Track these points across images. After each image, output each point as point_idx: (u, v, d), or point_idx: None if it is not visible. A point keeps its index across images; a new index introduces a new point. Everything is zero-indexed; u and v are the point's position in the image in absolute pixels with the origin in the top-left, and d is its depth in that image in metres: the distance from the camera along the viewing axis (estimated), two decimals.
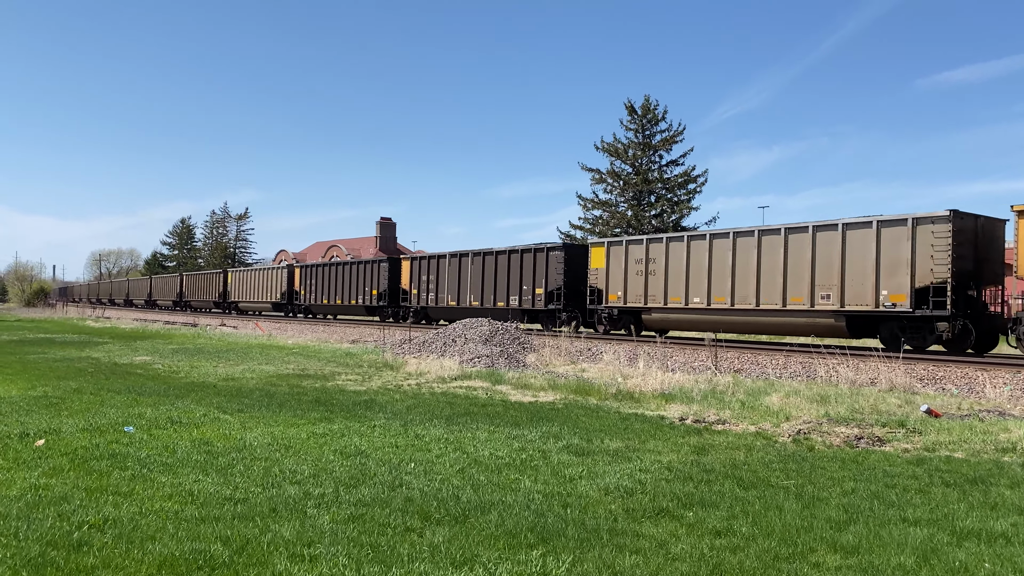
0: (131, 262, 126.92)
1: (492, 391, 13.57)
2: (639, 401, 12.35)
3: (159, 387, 13.40)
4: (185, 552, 4.85)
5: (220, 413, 10.47)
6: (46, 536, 5.12)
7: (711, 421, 10.43)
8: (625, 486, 6.78)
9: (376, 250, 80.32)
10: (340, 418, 10.22)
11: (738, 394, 12.94)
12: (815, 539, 5.39)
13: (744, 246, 21.40)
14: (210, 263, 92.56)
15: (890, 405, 11.72)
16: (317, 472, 7.07)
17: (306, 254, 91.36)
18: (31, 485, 6.43)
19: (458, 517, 5.73)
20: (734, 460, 8.01)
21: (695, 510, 6.08)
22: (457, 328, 22.20)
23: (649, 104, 46.99)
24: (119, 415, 10.10)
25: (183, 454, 7.73)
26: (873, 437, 9.21)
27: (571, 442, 8.79)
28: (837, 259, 19.17)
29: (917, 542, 5.34)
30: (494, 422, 10.14)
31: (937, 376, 14.91)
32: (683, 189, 46.70)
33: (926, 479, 7.26)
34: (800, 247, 20.05)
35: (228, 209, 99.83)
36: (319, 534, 5.26)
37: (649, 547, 5.16)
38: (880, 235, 18.44)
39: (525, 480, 6.97)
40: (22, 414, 10.13)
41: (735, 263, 21.52)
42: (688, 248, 22.76)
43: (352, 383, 14.59)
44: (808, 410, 11.12)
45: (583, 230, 47.62)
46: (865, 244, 18.69)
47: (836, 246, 19.22)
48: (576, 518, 5.79)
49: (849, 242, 19.01)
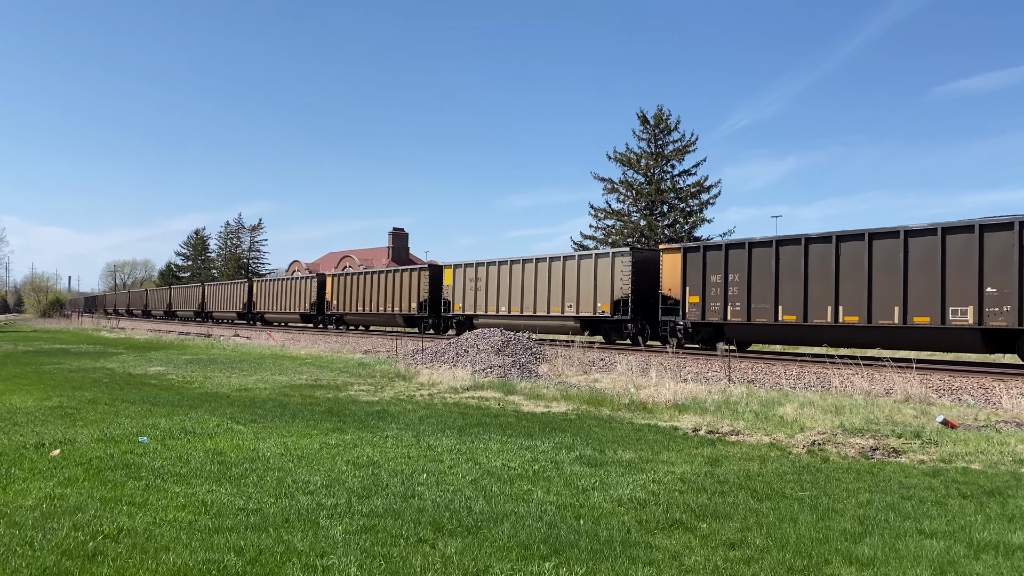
0: (145, 273, 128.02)
1: (504, 401, 13.55)
2: (652, 412, 12.30)
3: (173, 397, 13.47)
4: (199, 562, 4.86)
5: (233, 423, 10.51)
6: (61, 546, 5.14)
7: (725, 432, 10.38)
8: (638, 497, 6.75)
9: (388, 260, 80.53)
10: (353, 429, 10.23)
11: (752, 405, 12.87)
12: (830, 551, 5.34)
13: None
14: (224, 274, 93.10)
15: (906, 416, 11.62)
16: (330, 483, 7.07)
17: (319, 264, 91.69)
18: (46, 495, 6.47)
19: (470, 528, 5.72)
20: (748, 471, 7.97)
21: (709, 521, 6.04)
22: (469, 338, 22.20)
23: (662, 114, 47.08)
24: (133, 425, 10.15)
25: (197, 464, 7.76)
26: (889, 448, 9.13)
27: (584, 453, 8.76)
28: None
29: (934, 555, 5.28)
30: (506, 433, 10.12)
31: (953, 386, 14.79)
32: (696, 199, 46.68)
33: (943, 491, 7.19)
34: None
35: (242, 220, 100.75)
36: (332, 544, 5.26)
37: (662, 559, 5.13)
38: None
39: (537, 491, 6.95)
40: (38, 424, 10.20)
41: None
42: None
43: (365, 393, 14.61)
44: (823, 421, 11.05)
45: (595, 239, 47.64)
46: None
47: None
48: (589, 529, 5.76)
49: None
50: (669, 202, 46.89)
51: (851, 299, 18.70)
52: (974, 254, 16.76)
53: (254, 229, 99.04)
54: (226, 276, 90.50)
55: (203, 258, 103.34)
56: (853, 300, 18.66)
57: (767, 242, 20.58)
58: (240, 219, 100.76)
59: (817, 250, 19.41)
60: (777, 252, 20.27)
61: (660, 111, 47.06)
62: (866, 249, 18.39)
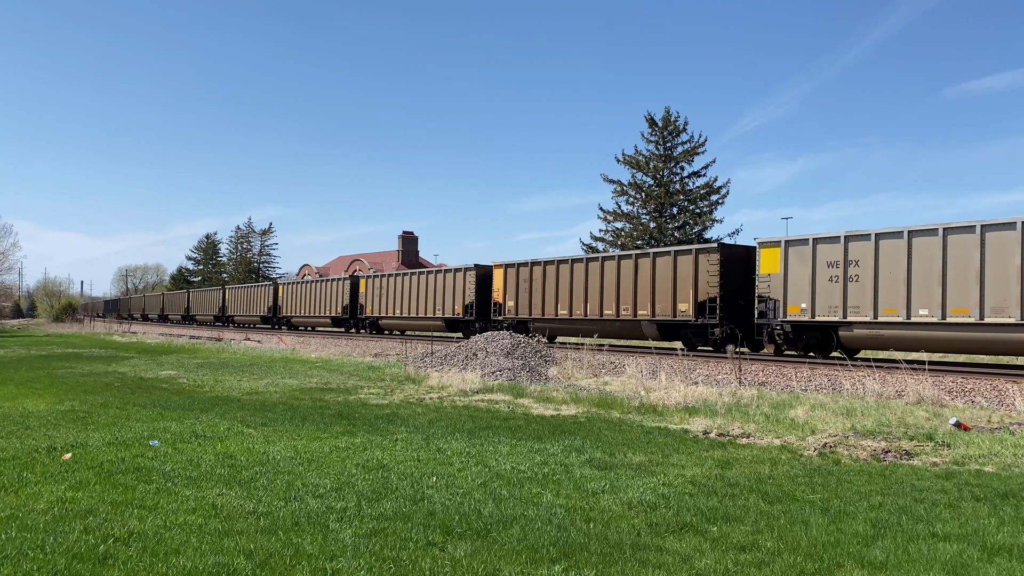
0: (157, 277, 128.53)
1: (514, 404, 13.54)
2: (662, 414, 12.26)
3: (184, 401, 13.52)
4: (209, 566, 4.87)
5: (244, 427, 10.53)
6: (72, 549, 5.17)
7: (735, 435, 10.34)
8: (648, 500, 6.73)
9: (398, 264, 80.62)
10: (362, 432, 10.24)
11: (763, 407, 12.82)
12: (842, 554, 5.31)
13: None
14: (235, 278, 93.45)
15: (918, 418, 11.54)
16: (339, 486, 7.08)
17: (329, 268, 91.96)
18: (58, 498, 6.50)
19: (480, 531, 5.72)
20: (759, 474, 7.93)
21: (719, 524, 6.01)
22: (479, 341, 22.21)
23: (670, 116, 46.98)
24: (144, 429, 10.20)
25: (207, 468, 7.78)
26: (901, 451, 9.07)
27: (594, 456, 8.74)
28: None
29: (946, 558, 5.24)
30: (516, 436, 10.11)
31: (966, 388, 14.68)
32: (705, 201, 46.54)
33: (955, 493, 7.13)
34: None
35: (252, 224, 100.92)
36: (341, 548, 5.26)
37: (673, 562, 5.11)
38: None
39: (547, 494, 6.94)
40: (50, 428, 10.26)
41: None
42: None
43: (374, 397, 14.63)
44: (834, 423, 10.99)
45: (604, 242, 47.60)
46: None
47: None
48: (599, 533, 5.75)
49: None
50: (679, 204, 46.79)
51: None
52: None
53: (264, 233, 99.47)
54: (237, 280, 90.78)
55: (214, 262, 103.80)
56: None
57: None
58: (250, 223, 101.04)
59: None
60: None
61: (668, 113, 46.97)
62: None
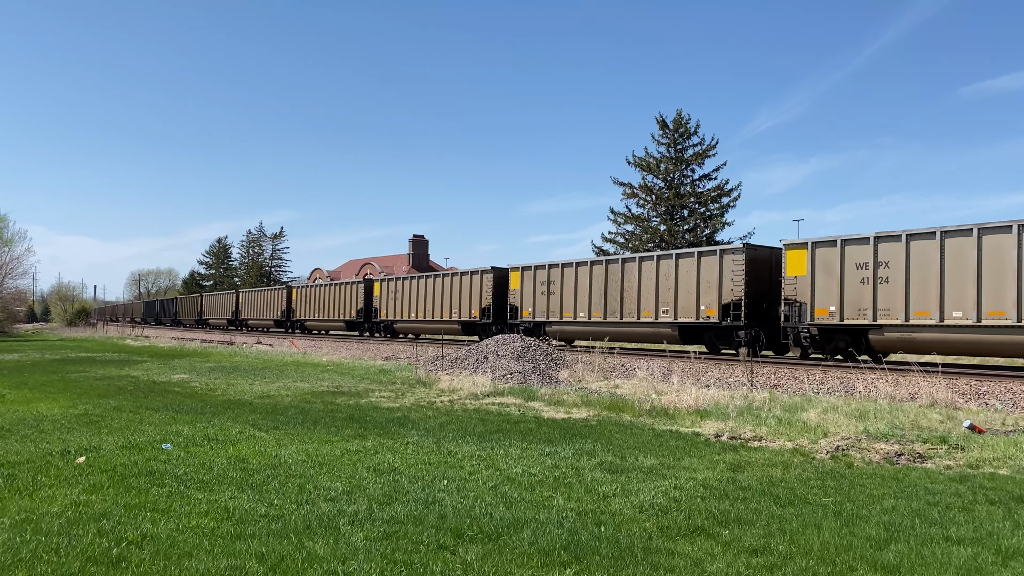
0: (169, 282, 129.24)
1: (525, 408, 13.54)
2: (673, 418, 12.23)
3: (196, 405, 13.58)
4: (221, 569, 4.89)
5: (255, 430, 10.57)
6: (86, 552, 5.20)
7: (747, 438, 10.30)
8: (660, 504, 6.71)
9: (409, 267, 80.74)
10: (374, 435, 10.26)
11: (775, 410, 12.76)
12: (855, 558, 5.28)
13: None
14: (246, 282, 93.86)
15: (931, 421, 11.46)
16: (351, 489, 7.10)
17: (340, 272, 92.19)
18: (72, 502, 6.55)
19: (491, 535, 5.71)
20: (771, 477, 7.90)
21: (731, 528, 5.99)
22: (489, 344, 22.22)
23: (681, 118, 46.91)
24: (157, 432, 10.25)
25: (219, 471, 7.82)
26: (914, 453, 9.01)
27: (605, 459, 8.72)
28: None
29: (960, 561, 5.20)
30: (527, 439, 10.11)
31: (980, 391, 14.57)
32: (716, 203, 46.40)
33: (969, 496, 7.08)
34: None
35: (263, 228, 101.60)
36: (353, 551, 5.27)
37: (684, 566, 5.10)
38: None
39: (558, 498, 6.93)
40: (64, 432, 10.33)
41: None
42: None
43: (385, 400, 14.66)
44: (846, 426, 10.93)
45: (615, 244, 47.54)
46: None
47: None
48: (610, 536, 5.74)
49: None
50: (689, 206, 46.68)
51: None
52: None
53: (276, 237, 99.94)
54: (248, 284, 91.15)
55: (226, 266, 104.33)
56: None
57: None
58: (261, 227, 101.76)
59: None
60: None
61: (679, 115, 46.89)
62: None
